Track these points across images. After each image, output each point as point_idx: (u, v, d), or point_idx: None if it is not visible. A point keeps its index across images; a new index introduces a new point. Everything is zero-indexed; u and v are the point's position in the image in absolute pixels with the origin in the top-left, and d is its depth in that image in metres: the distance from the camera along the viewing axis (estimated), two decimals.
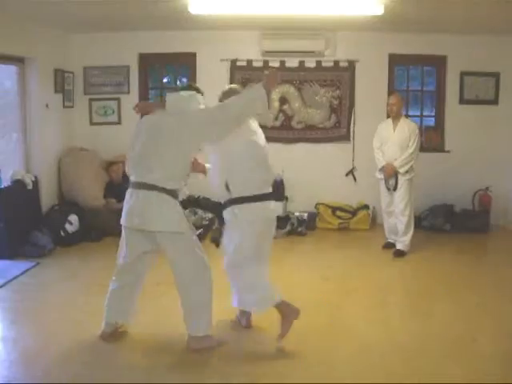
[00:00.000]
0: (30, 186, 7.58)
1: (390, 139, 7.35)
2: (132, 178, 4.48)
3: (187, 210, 8.42)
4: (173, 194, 4.36)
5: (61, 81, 8.50)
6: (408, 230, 7.34)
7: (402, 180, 7.28)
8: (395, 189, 7.33)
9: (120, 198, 4.65)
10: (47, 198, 8.09)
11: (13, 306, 5.59)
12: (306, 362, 4.39)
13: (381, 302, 5.74)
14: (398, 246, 7.40)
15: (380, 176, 7.46)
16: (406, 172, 7.27)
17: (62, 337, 4.76)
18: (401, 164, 7.23)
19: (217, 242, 4.88)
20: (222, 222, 4.76)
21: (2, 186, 7.19)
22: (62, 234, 7.57)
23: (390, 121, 7.47)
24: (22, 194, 7.46)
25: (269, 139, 8.58)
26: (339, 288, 6.10)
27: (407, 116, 8.13)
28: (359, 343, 4.72)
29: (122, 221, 4.50)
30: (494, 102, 8.96)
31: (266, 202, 4.60)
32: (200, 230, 7.81)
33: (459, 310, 5.46)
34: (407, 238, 7.35)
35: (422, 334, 4.93)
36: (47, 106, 8.08)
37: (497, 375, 4.16)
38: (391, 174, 7.30)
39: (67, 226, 7.59)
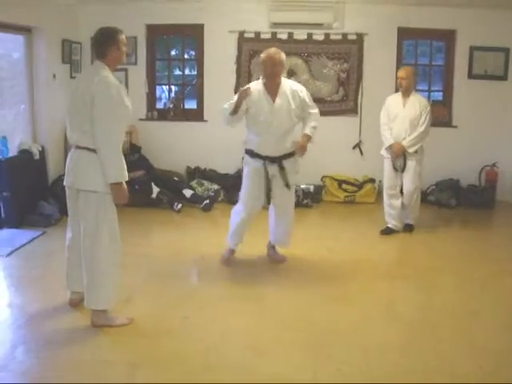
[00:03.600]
0: (36, 156, 7.59)
1: (399, 115, 6.86)
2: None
3: (194, 181, 8.51)
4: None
5: (68, 51, 8.48)
6: (416, 210, 7.19)
7: (410, 161, 6.88)
8: (403, 170, 6.92)
9: (126, 169, 4.64)
10: (54, 168, 8.09)
11: (19, 273, 5.65)
12: (312, 330, 4.46)
13: (385, 274, 5.77)
14: (408, 221, 7.21)
15: (386, 155, 7.02)
16: (416, 152, 6.85)
17: (65, 304, 4.79)
18: (410, 144, 6.79)
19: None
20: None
21: (10, 156, 7.20)
22: None
23: (399, 95, 6.97)
24: (28, 163, 7.48)
25: None
26: (344, 260, 6.13)
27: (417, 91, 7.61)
28: (361, 313, 4.78)
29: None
30: (504, 77, 8.86)
31: None
32: (206, 201, 7.92)
33: (462, 284, 5.50)
34: (416, 215, 7.22)
35: (424, 307, 5.01)
36: (54, 76, 8.05)
37: (496, 345, 4.22)
38: (399, 154, 6.86)
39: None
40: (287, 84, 5.55)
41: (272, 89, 5.45)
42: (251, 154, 5.64)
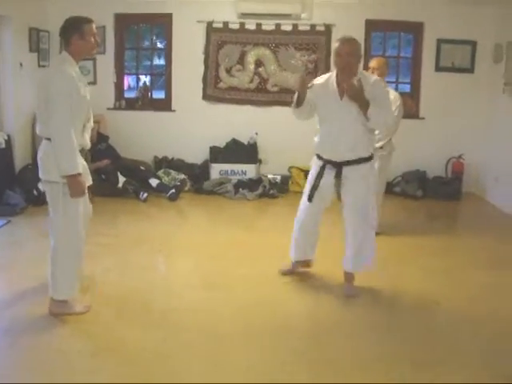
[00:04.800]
0: (2, 145, 7.56)
1: None
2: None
3: (161, 171, 8.52)
4: None
5: (36, 40, 8.41)
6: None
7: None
8: None
9: (93, 158, 4.53)
10: (21, 157, 8.05)
11: None
12: (278, 320, 4.52)
13: None
14: None
15: None
16: (381, 148, 6.35)
17: (30, 293, 4.81)
18: None
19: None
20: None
21: None
22: (35, 193, 7.53)
23: None
24: None
25: (244, 102, 8.88)
26: None
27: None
28: (328, 305, 4.86)
29: None
30: (470, 70, 8.97)
31: None
32: (172, 190, 7.93)
33: (426, 275, 5.56)
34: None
35: (388, 297, 5.07)
36: (21, 65, 7.99)
37: (452, 335, 4.34)
38: None
39: (40, 185, 7.55)
40: (366, 78, 4.75)
41: (344, 83, 4.67)
42: (317, 155, 5.04)
